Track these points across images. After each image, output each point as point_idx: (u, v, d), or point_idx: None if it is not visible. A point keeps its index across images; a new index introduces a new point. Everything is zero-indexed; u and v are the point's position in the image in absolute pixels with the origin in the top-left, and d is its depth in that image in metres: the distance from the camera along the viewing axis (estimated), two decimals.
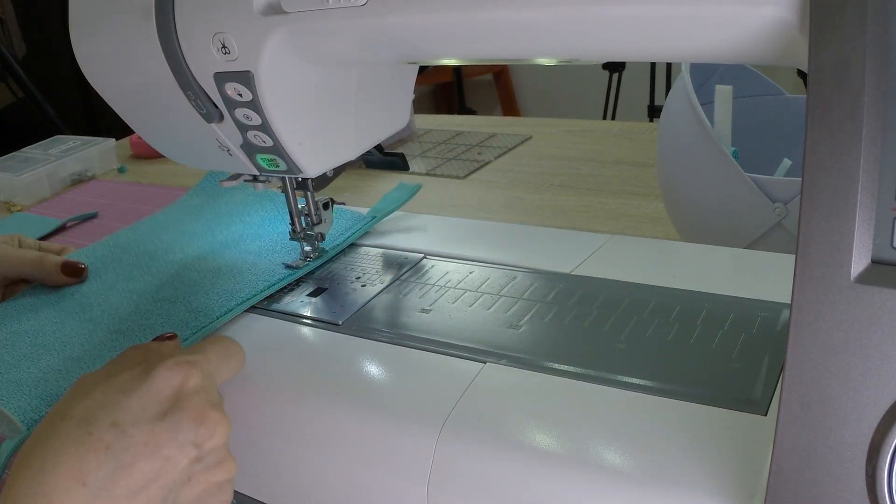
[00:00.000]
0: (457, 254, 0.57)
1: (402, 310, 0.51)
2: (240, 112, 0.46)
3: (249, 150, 0.50)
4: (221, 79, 0.45)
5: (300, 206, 0.57)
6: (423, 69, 0.65)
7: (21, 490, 0.34)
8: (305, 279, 0.57)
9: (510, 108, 3.27)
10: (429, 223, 0.64)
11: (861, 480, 0.29)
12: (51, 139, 1.29)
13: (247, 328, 0.51)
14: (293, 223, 0.57)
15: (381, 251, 0.60)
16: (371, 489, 0.41)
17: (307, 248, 0.58)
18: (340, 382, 0.44)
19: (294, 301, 0.54)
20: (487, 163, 1.05)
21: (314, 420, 0.43)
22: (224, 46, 0.43)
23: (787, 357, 0.30)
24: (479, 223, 0.65)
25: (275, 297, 0.54)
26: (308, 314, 0.52)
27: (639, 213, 0.83)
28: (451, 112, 3.14)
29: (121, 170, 1.23)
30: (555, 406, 0.39)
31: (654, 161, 0.72)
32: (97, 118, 2.59)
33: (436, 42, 0.41)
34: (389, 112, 0.55)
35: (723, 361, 0.41)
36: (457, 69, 2.99)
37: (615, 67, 2.45)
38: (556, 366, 0.42)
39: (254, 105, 0.45)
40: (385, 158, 1.05)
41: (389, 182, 0.97)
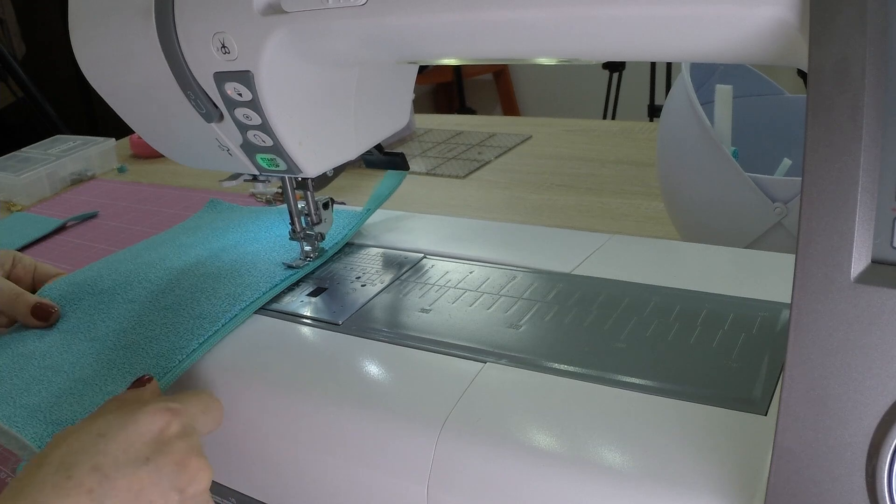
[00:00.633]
0: (457, 254, 0.57)
1: (402, 310, 0.51)
2: (240, 112, 0.46)
3: (249, 150, 0.50)
4: (221, 78, 0.45)
5: (300, 207, 0.57)
6: (423, 69, 0.65)
7: None
8: (305, 279, 0.57)
9: (510, 108, 3.27)
10: (429, 223, 0.64)
11: (861, 480, 0.29)
12: (51, 139, 1.29)
13: (247, 328, 0.51)
14: (293, 223, 0.57)
15: (381, 251, 0.60)
16: (371, 489, 0.41)
17: (307, 248, 0.58)
18: (340, 382, 0.44)
19: (294, 301, 0.54)
20: (487, 162, 1.05)
21: (314, 420, 0.43)
22: (224, 46, 0.43)
23: (787, 357, 0.30)
24: (479, 223, 0.65)
25: (275, 297, 0.54)
26: (308, 314, 0.52)
27: (639, 213, 0.83)
28: (451, 112, 3.14)
29: (121, 170, 1.23)
30: (555, 406, 0.39)
31: (654, 161, 0.72)
32: (97, 118, 2.59)
33: (436, 42, 0.41)
34: (389, 112, 0.55)
35: (723, 361, 0.41)
36: (457, 69, 2.99)
37: (615, 67, 2.45)
38: (556, 366, 0.42)
39: (254, 105, 0.45)
40: (385, 158, 1.05)
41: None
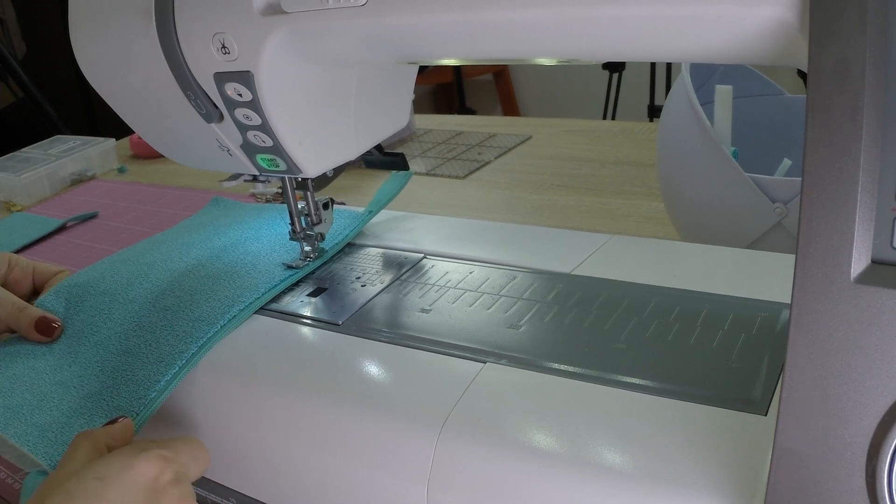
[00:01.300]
0: (457, 254, 0.57)
1: (402, 310, 0.51)
2: (240, 112, 0.46)
3: (249, 150, 0.50)
4: (221, 79, 0.45)
5: (300, 207, 0.57)
6: (423, 69, 0.65)
7: None
8: (305, 279, 0.57)
9: (510, 108, 3.27)
10: (429, 223, 0.64)
11: (861, 480, 0.29)
12: (51, 139, 1.29)
13: (247, 328, 0.51)
14: (293, 223, 0.57)
15: (381, 251, 0.60)
16: (371, 489, 0.41)
17: (307, 248, 0.58)
18: (340, 382, 0.44)
19: (294, 301, 0.54)
20: (487, 163, 1.05)
21: (314, 420, 0.43)
22: (224, 46, 0.43)
23: (787, 357, 0.30)
24: (479, 223, 0.65)
25: (275, 297, 0.54)
26: (308, 314, 0.52)
27: (639, 213, 0.83)
28: (451, 112, 3.14)
29: (121, 170, 1.23)
30: (555, 406, 0.39)
31: (654, 161, 0.72)
32: (97, 118, 2.59)
33: (436, 42, 0.41)
34: (389, 112, 0.55)
35: (723, 362, 0.41)
36: (457, 69, 2.99)
37: (615, 67, 2.45)
38: (556, 366, 0.42)
39: (254, 105, 0.45)
40: (385, 158, 1.05)
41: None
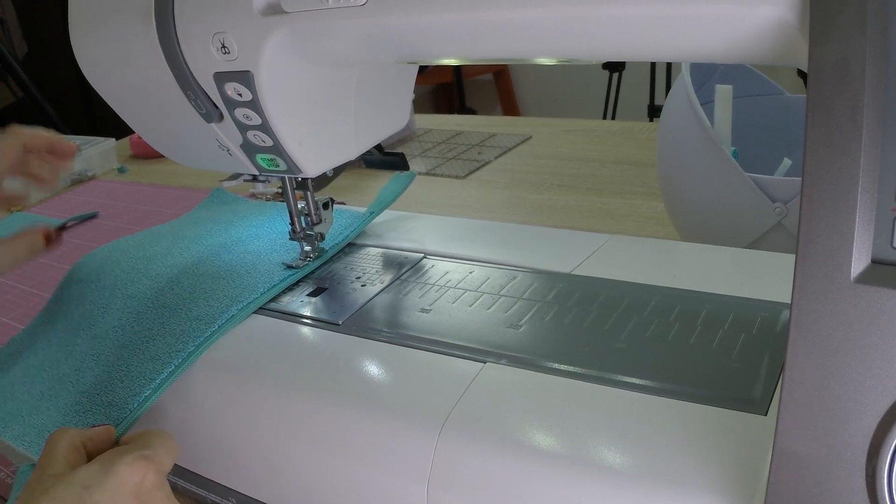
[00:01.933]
0: (457, 254, 0.57)
1: (402, 310, 0.51)
2: (240, 112, 0.46)
3: (249, 150, 0.50)
4: (221, 79, 0.45)
5: (300, 207, 0.57)
6: (423, 69, 0.65)
7: None
8: (305, 279, 0.57)
9: (510, 108, 3.27)
10: (429, 223, 0.64)
11: (861, 480, 0.29)
12: None
13: (247, 328, 0.51)
14: (293, 223, 0.57)
15: (381, 251, 0.60)
16: (371, 489, 0.41)
17: (307, 248, 0.58)
18: (340, 382, 0.44)
19: (294, 301, 0.54)
20: (487, 163, 1.05)
21: (314, 420, 0.43)
22: (224, 46, 0.43)
23: (787, 357, 0.30)
24: (479, 223, 0.65)
25: (275, 297, 0.54)
26: (308, 314, 0.52)
27: (639, 213, 0.83)
28: (451, 112, 3.14)
29: (121, 170, 1.23)
30: (555, 406, 0.39)
31: (654, 161, 0.72)
32: (97, 118, 2.59)
33: (436, 42, 0.41)
34: (389, 112, 0.55)
35: (723, 361, 0.41)
36: (457, 69, 2.99)
37: (615, 67, 2.45)
38: (556, 366, 0.42)
39: (254, 105, 0.45)
40: (385, 158, 1.05)
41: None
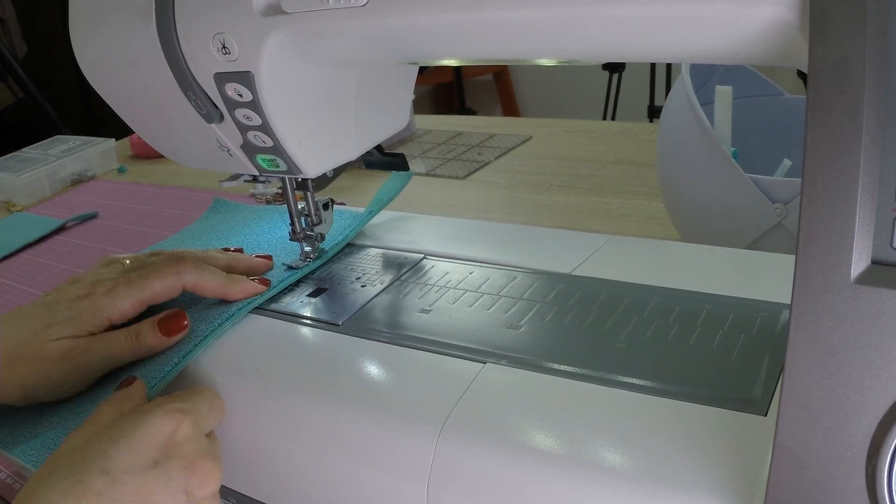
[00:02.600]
0: (457, 254, 0.57)
1: (402, 310, 0.51)
2: (240, 112, 0.46)
3: (249, 151, 0.50)
4: (221, 79, 0.45)
5: (300, 207, 0.57)
6: (423, 69, 0.65)
7: None
8: (305, 279, 0.57)
9: (510, 108, 3.27)
10: (429, 223, 0.64)
11: (861, 480, 0.29)
12: (51, 139, 1.29)
13: (246, 328, 0.51)
14: (293, 224, 0.57)
15: (381, 251, 0.60)
16: (371, 489, 0.41)
17: (307, 249, 0.58)
18: (340, 382, 0.44)
19: (294, 301, 0.54)
20: (487, 163, 1.05)
21: (314, 420, 0.43)
22: (224, 47, 0.43)
23: (787, 357, 0.30)
24: (479, 223, 0.65)
25: (275, 297, 0.54)
26: (308, 314, 0.52)
27: (639, 214, 0.83)
28: (451, 112, 3.14)
29: (121, 170, 1.23)
30: (555, 406, 0.39)
31: (654, 161, 0.72)
32: (97, 118, 2.59)
33: (436, 42, 0.41)
34: (389, 112, 0.55)
35: (723, 362, 0.41)
36: (457, 69, 3.00)
37: (615, 68, 2.46)
38: (556, 366, 0.42)
39: (254, 105, 0.45)
40: (385, 159, 1.05)
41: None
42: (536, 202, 0.90)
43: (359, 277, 0.56)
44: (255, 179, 0.57)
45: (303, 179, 0.55)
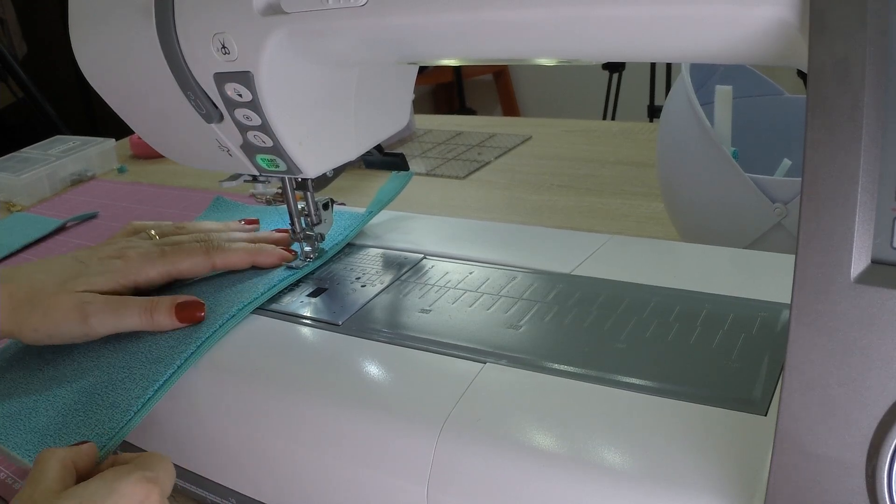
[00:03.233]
0: (457, 254, 0.57)
1: (402, 310, 0.51)
2: (240, 112, 0.46)
3: (249, 151, 0.50)
4: (221, 79, 0.45)
5: (300, 207, 0.57)
6: (423, 69, 0.65)
7: None
8: (305, 279, 0.57)
9: (510, 108, 3.27)
10: (429, 223, 0.64)
11: (861, 480, 0.29)
12: (51, 139, 1.29)
13: (246, 328, 0.51)
14: (293, 224, 0.57)
15: (381, 251, 0.60)
16: (371, 489, 0.41)
17: (307, 249, 0.58)
18: (340, 382, 0.44)
19: (294, 301, 0.54)
20: (487, 163, 1.05)
21: (314, 420, 0.43)
22: (224, 47, 0.43)
23: (787, 357, 0.30)
24: (479, 223, 0.65)
25: (275, 297, 0.54)
26: (308, 314, 0.52)
27: (639, 214, 0.83)
28: (451, 112, 3.14)
29: (121, 170, 1.23)
30: (555, 406, 0.39)
31: (654, 161, 0.72)
32: (97, 118, 2.60)
33: (436, 42, 0.41)
34: (389, 112, 0.55)
35: (723, 362, 0.41)
36: (457, 69, 3.00)
37: (615, 67, 2.46)
38: (556, 366, 0.42)
39: (254, 105, 0.45)
40: (385, 159, 1.05)
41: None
42: (536, 202, 0.90)
43: (359, 277, 0.56)
44: (255, 179, 0.57)
45: (303, 179, 0.55)
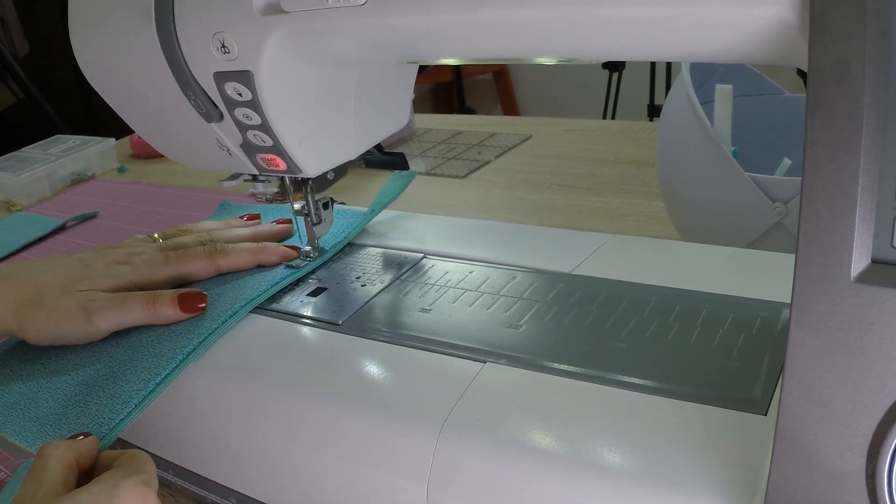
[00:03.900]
0: (457, 254, 0.57)
1: (402, 309, 0.51)
2: (239, 112, 0.46)
3: (249, 150, 0.50)
4: (221, 78, 0.45)
5: (300, 207, 0.57)
6: (423, 69, 0.65)
7: None
8: (305, 279, 0.57)
9: (510, 108, 3.27)
10: (429, 223, 0.64)
11: (861, 480, 0.29)
12: (51, 139, 1.29)
13: (246, 328, 0.51)
14: (293, 224, 0.57)
15: (381, 251, 0.60)
16: (371, 489, 0.41)
17: (307, 248, 0.58)
18: (340, 382, 0.44)
19: (294, 301, 0.54)
20: (487, 162, 1.05)
21: (314, 420, 0.43)
22: (224, 46, 0.43)
23: (787, 357, 0.30)
24: (479, 223, 0.65)
25: (275, 297, 0.54)
26: (308, 314, 0.52)
27: (639, 213, 0.83)
28: (451, 112, 3.14)
29: (120, 169, 1.23)
30: (555, 406, 0.39)
31: (654, 161, 0.72)
32: (97, 118, 2.59)
33: (436, 42, 0.41)
34: (389, 112, 0.55)
35: (723, 361, 0.41)
36: (457, 69, 3.00)
37: (615, 67, 2.45)
38: (556, 365, 0.42)
39: (253, 105, 0.45)
40: (385, 158, 1.05)
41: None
42: (536, 201, 0.90)
43: (359, 277, 0.56)
44: (255, 179, 0.57)
45: (303, 179, 0.55)
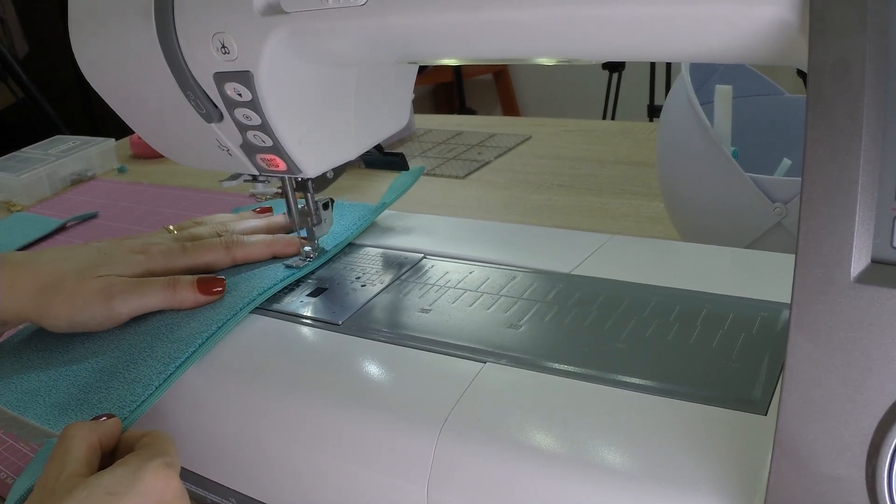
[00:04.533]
0: (457, 254, 0.57)
1: (402, 310, 0.51)
2: (239, 112, 0.46)
3: (249, 150, 0.50)
4: (221, 79, 0.45)
5: (300, 207, 0.57)
6: (423, 69, 0.65)
7: None
8: (305, 279, 0.57)
9: (510, 108, 3.27)
10: (429, 223, 0.64)
11: (861, 480, 0.29)
12: (51, 139, 1.29)
13: (246, 328, 0.51)
14: (293, 224, 0.57)
15: (381, 251, 0.60)
16: (371, 489, 0.41)
17: (307, 248, 0.58)
18: (340, 382, 0.44)
19: (294, 301, 0.54)
20: (487, 163, 1.05)
21: (314, 420, 0.43)
22: (224, 46, 0.43)
23: (787, 357, 0.30)
24: (479, 223, 0.65)
25: (275, 297, 0.54)
26: (308, 314, 0.52)
27: (639, 213, 0.83)
28: (451, 112, 3.14)
29: (121, 170, 1.23)
30: (555, 406, 0.39)
31: (654, 161, 0.72)
32: (97, 118, 2.59)
33: (436, 42, 0.41)
34: (389, 112, 0.55)
35: (723, 361, 0.41)
36: (457, 69, 2.99)
37: (615, 67, 2.45)
38: (556, 365, 0.42)
39: (253, 105, 0.45)
40: (385, 158, 1.05)
41: (389, 182, 0.97)
42: (536, 202, 0.90)
43: (359, 277, 0.56)
44: (255, 179, 0.57)
45: (303, 179, 0.55)
